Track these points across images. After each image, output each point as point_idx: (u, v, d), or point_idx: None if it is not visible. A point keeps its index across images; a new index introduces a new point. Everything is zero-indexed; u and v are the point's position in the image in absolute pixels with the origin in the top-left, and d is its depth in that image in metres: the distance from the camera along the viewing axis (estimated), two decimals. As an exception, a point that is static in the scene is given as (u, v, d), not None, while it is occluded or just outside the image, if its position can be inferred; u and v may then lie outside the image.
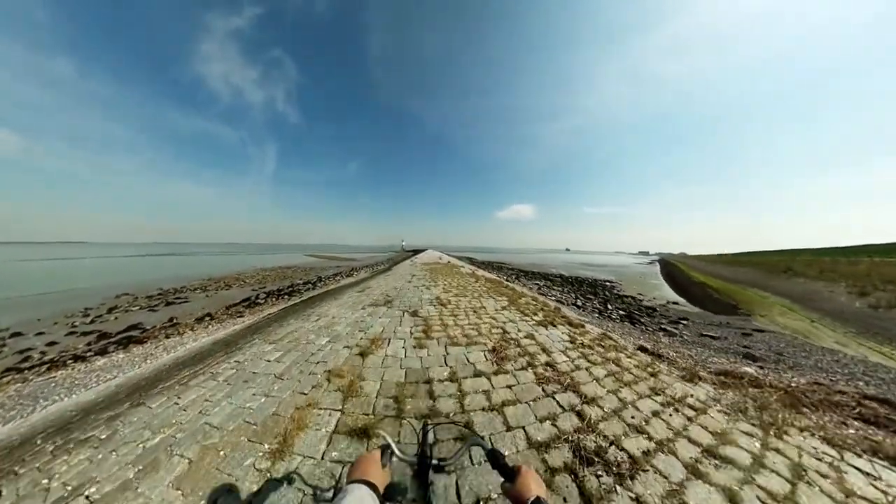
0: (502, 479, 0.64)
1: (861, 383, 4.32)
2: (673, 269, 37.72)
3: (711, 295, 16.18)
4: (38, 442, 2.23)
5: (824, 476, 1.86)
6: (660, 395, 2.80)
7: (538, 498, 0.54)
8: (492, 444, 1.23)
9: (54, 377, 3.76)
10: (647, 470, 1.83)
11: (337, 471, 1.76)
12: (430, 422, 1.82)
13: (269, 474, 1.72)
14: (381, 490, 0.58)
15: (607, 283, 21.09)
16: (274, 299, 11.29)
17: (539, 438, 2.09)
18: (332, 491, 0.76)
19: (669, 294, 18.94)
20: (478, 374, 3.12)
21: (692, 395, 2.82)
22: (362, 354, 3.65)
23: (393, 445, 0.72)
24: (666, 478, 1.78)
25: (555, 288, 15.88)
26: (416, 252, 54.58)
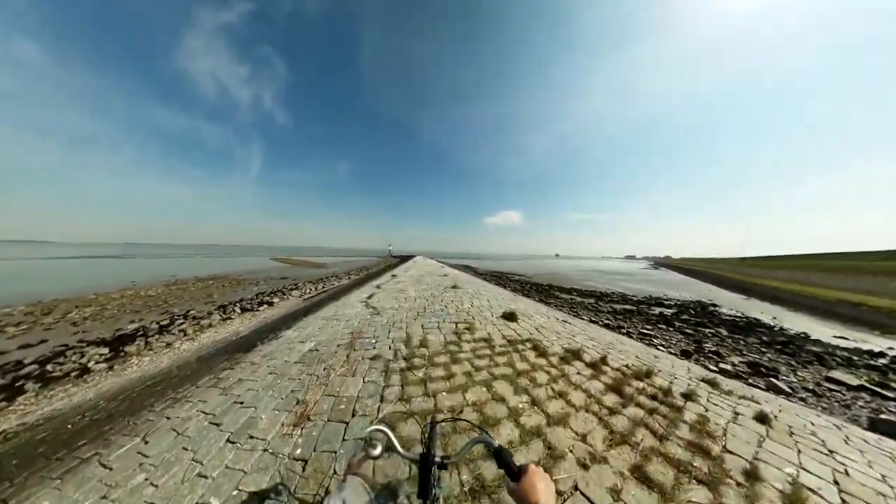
0: (508, 479, 0.57)
1: None
2: (726, 278, 29.99)
3: None
4: None
5: None
6: None
7: None
8: (499, 443, 0.70)
9: None
10: None
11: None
12: (437, 418, 1.60)
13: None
14: (375, 486, 0.55)
15: (713, 308, 13.10)
16: None
17: None
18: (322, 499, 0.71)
19: (825, 328, 10.94)
20: None
21: None
22: None
23: (393, 439, 0.71)
24: None
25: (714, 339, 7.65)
26: (404, 259, 44.52)
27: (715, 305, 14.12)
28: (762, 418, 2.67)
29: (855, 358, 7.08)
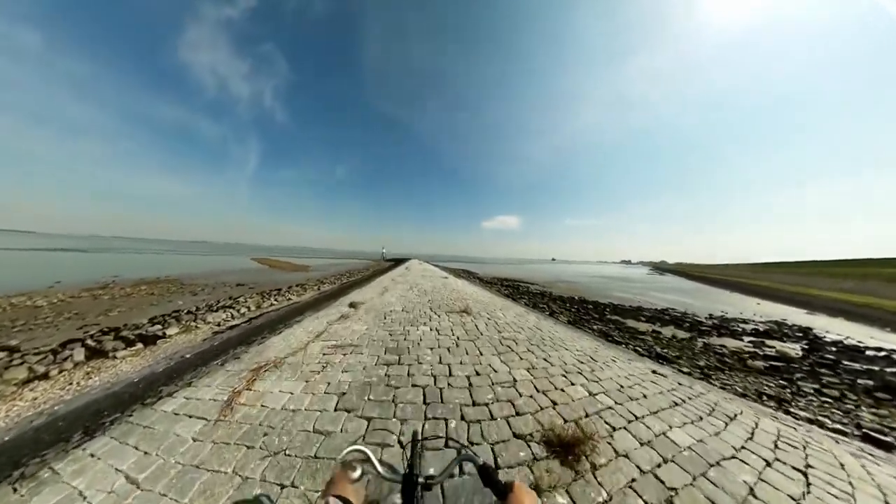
0: (494, 498, 0.57)
1: None
2: (763, 288, 25.98)
3: None
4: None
5: None
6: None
7: None
8: (484, 459, 0.81)
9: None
10: None
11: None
12: (419, 437, 1.19)
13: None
14: None
15: (824, 336, 9.54)
16: None
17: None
18: None
19: None
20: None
21: None
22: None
23: (374, 459, 0.64)
24: None
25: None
26: (397, 263, 40.90)
27: (808, 328, 10.60)
28: None
29: None
